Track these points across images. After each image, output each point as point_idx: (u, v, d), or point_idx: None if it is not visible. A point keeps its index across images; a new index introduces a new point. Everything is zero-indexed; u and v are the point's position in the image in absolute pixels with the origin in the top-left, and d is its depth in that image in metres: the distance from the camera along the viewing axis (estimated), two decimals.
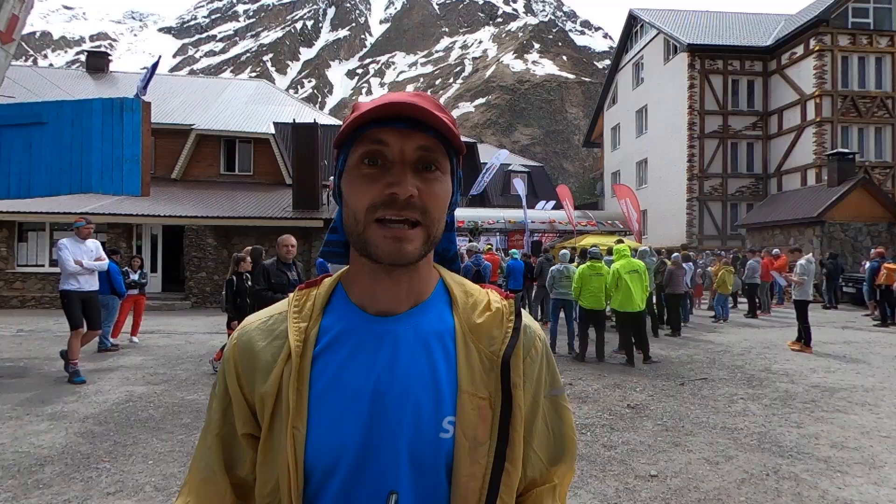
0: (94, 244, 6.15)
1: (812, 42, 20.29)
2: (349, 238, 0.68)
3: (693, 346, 8.87)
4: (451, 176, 0.69)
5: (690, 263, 11.66)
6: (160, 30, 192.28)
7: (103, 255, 6.27)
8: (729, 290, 12.02)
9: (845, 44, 20.21)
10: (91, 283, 6.04)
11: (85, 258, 5.92)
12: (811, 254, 9.27)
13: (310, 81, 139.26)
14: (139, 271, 8.88)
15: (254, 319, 0.73)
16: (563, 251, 8.94)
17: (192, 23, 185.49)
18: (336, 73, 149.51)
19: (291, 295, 0.73)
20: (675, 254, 10.48)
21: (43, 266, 14.30)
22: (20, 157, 6.14)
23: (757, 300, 12.91)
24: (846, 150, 18.68)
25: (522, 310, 0.73)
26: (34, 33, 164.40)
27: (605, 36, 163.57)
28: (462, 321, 0.69)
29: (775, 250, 13.90)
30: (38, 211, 13.14)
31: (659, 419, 4.92)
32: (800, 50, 20.99)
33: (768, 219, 19.89)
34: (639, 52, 27.47)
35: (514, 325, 0.70)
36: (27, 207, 12.71)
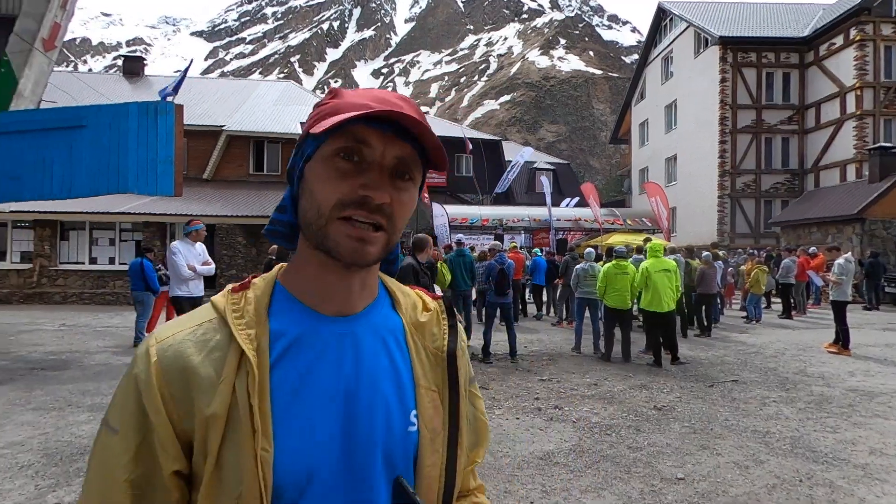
0: (201, 247, 6.02)
1: (853, 32, 19.45)
2: (306, 229, 0.65)
3: (723, 347, 8.65)
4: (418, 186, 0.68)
5: (721, 262, 11.35)
6: (192, 34, 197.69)
7: (209, 258, 6.14)
8: (762, 289, 11.65)
9: (888, 33, 19.30)
10: (199, 288, 5.92)
11: (196, 262, 5.84)
12: (850, 252, 8.91)
13: (336, 82, 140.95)
14: None
15: (174, 330, 0.63)
16: (589, 250, 8.83)
17: (223, 26, 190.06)
18: (362, 72, 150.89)
19: (218, 299, 0.65)
20: (706, 252, 10.23)
21: (83, 263, 14.92)
22: (62, 160, 6.41)
23: (792, 300, 12.49)
24: (889, 144, 17.85)
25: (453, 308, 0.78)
26: (74, 40, 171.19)
27: (633, 30, 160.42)
28: (407, 320, 0.72)
29: (812, 249, 13.42)
30: (78, 210, 13.71)
31: (687, 421, 4.82)
32: (839, 40, 20.15)
33: (804, 216, 19.19)
34: (668, 46, 26.85)
35: (450, 322, 0.74)
36: (68, 207, 13.28)
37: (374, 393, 0.64)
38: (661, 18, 27.58)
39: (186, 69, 13.14)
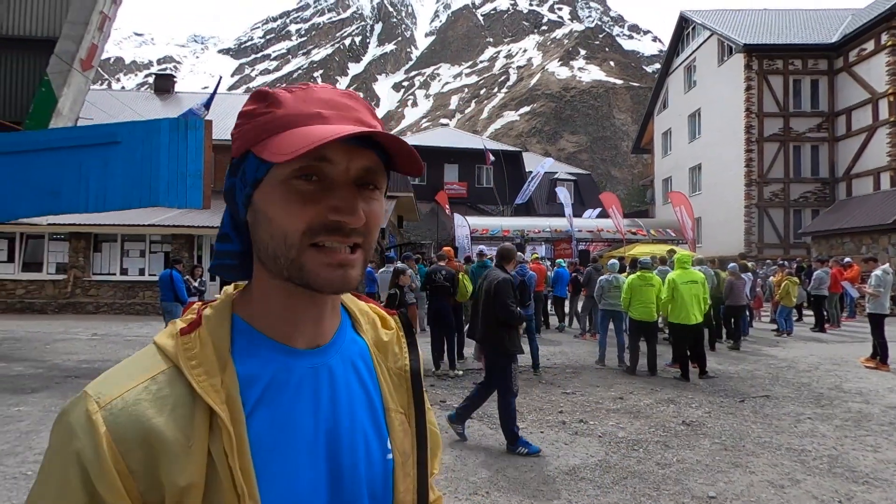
0: None
1: (884, 37, 18.95)
2: (271, 262, 0.56)
3: (753, 360, 8.40)
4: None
5: (749, 274, 11.07)
6: (220, 51, 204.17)
7: None
8: (793, 301, 11.30)
9: None
10: None
11: None
12: (888, 263, 8.60)
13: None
14: (199, 279, 9.41)
15: (121, 388, 0.53)
16: (612, 261, 8.71)
17: (249, 43, 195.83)
18: (383, 86, 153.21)
19: (165, 343, 0.56)
20: (732, 264, 10.00)
21: (115, 274, 15.36)
22: (97, 174, 6.66)
23: (825, 313, 12.08)
24: None
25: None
26: (108, 59, 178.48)
27: (655, 39, 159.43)
28: (369, 340, 0.68)
29: (846, 259, 12.99)
30: (110, 223, 14.16)
31: (717, 437, 4.68)
32: (870, 46, 19.65)
33: (836, 226, 18.61)
34: (691, 55, 26.57)
35: (409, 340, 0.71)
36: (102, 220, 13.72)
37: (354, 426, 0.60)
38: (684, 27, 27.35)
39: (216, 86, 13.54)
